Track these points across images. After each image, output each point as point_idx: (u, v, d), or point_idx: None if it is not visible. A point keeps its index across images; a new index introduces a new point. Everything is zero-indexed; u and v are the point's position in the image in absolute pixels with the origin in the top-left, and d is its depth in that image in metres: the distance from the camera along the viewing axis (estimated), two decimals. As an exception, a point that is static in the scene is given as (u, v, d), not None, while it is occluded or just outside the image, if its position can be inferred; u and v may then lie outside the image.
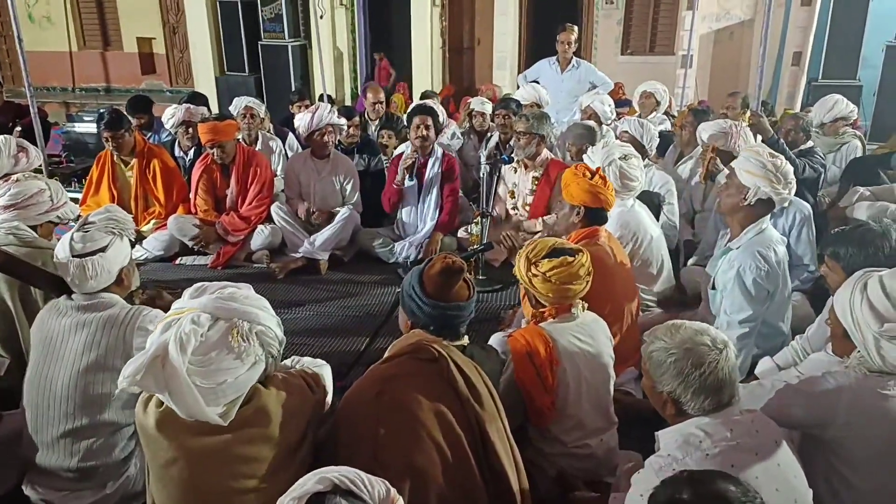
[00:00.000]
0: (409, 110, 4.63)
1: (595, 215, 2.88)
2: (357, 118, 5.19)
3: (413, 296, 1.98)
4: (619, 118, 5.01)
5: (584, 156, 3.50)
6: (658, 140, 4.41)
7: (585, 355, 2.27)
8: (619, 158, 3.31)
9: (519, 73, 7.58)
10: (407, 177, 4.38)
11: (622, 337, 2.72)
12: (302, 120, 4.48)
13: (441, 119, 5.45)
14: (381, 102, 5.87)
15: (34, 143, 4.65)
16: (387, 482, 1.24)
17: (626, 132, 4.22)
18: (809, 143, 4.50)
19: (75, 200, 4.61)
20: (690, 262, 3.95)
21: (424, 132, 4.33)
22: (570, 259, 2.24)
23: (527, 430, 2.33)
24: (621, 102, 8.33)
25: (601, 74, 6.16)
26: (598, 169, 2.93)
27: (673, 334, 1.67)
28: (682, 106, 7.16)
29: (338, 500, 1.16)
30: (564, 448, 2.27)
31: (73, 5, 12.23)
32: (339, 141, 4.92)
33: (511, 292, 3.92)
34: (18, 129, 6.11)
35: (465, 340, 2.04)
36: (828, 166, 4.67)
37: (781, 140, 4.31)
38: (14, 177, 2.93)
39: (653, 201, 3.84)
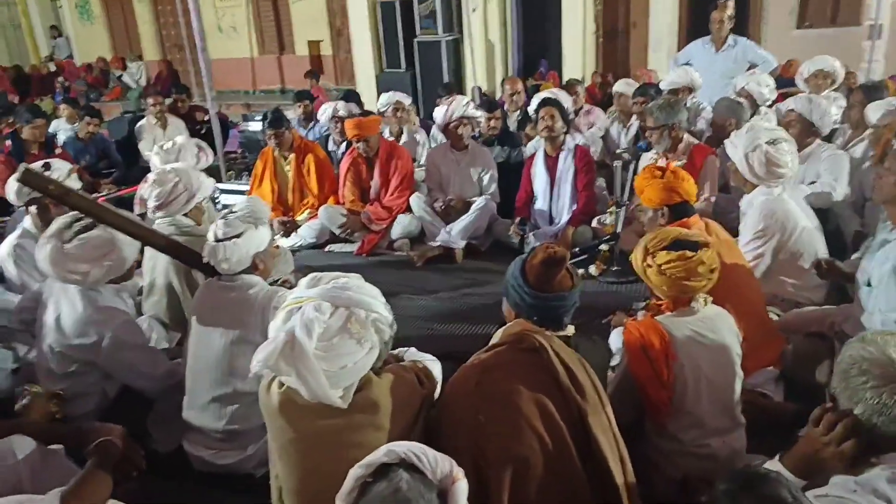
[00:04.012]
0: (537, 103, 4.59)
1: (680, 211, 2.75)
2: (498, 111, 5.24)
3: (515, 285, 1.98)
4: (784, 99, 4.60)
5: (727, 141, 3.27)
6: (832, 117, 3.99)
7: (706, 351, 2.14)
8: (767, 143, 3.07)
9: (679, 56, 7.19)
10: (544, 171, 4.37)
11: (755, 334, 2.53)
12: (438, 112, 4.62)
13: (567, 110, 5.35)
14: (519, 93, 5.87)
15: (213, 142, 5.24)
16: (453, 461, 1.27)
17: (793, 110, 3.87)
18: None
19: (244, 192, 5.14)
20: (855, 256, 3.56)
21: (550, 122, 4.29)
22: (690, 254, 2.13)
23: (643, 426, 2.26)
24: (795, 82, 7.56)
25: (762, 52, 5.66)
26: (668, 164, 2.84)
27: None
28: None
29: (400, 473, 1.23)
30: (682, 446, 2.17)
31: (254, 15, 13.52)
32: (479, 132, 5.00)
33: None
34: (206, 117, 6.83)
35: (570, 331, 2.01)
36: None
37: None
38: (150, 177, 3.25)
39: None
